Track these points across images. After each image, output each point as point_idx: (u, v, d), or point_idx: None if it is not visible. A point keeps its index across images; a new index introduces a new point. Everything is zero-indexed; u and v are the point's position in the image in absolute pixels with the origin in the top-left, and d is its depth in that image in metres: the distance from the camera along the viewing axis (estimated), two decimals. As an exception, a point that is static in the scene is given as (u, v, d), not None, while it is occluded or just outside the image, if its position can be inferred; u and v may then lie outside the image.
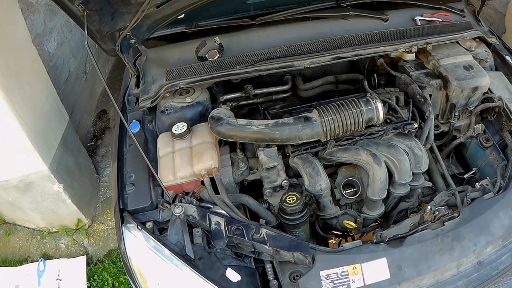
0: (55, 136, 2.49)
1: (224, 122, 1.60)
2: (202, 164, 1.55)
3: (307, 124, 1.57)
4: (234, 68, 1.74)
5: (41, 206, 2.55)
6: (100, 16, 1.49)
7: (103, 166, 3.22)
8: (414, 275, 1.34)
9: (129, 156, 1.68)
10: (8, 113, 2.05)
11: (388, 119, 1.75)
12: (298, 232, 1.55)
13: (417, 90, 1.81)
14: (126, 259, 1.42)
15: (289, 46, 1.78)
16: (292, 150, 1.66)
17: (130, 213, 1.49)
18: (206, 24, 1.90)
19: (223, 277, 1.37)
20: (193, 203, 1.52)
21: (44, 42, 2.90)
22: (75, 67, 3.39)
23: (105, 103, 3.82)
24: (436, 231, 1.38)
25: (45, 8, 2.95)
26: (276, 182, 1.65)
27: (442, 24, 1.96)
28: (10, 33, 2.16)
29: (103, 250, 2.71)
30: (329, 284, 1.30)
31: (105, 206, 2.94)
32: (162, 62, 1.87)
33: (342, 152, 1.64)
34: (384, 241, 1.38)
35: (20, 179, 2.34)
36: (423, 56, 1.96)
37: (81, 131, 3.25)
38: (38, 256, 2.67)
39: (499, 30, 3.45)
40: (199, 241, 1.45)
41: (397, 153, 1.63)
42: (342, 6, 1.96)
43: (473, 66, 1.80)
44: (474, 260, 1.40)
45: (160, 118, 1.77)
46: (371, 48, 1.81)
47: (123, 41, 1.66)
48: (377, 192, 1.61)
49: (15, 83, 2.11)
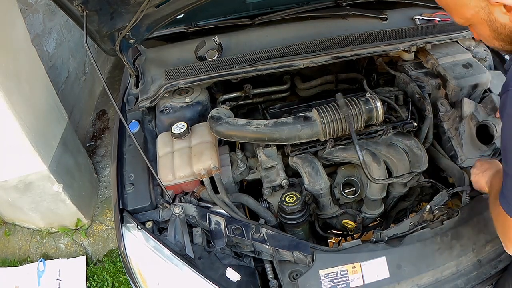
0: (55, 136, 2.49)
1: (223, 122, 1.60)
2: (202, 163, 1.55)
3: (307, 124, 1.57)
4: (233, 68, 1.74)
5: (40, 206, 2.55)
6: (100, 16, 1.49)
7: (102, 166, 3.22)
8: (413, 274, 1.34)
9: (128, 156, 1.68)
10: (7, 113, 2.05)
11: (387, 118, 1.75)
12: (297, 232, 1.55)
13: (416, 89, 1.81)
14: (126, 259, 1.42)
15: (288, 46, 1.78)
16: (291, 150, 1.66)
17: (129, 213, 1.48)
18: (205, 24, 1.91)
19: (223, 276, 1.37)
20: (192, 202, 1.52)
21: (43, 42, 2.90)
22: (74, 67, 3.39)
23: (104, 103, 3.82)
24: (435, 230, 1.39)
25: (44, 8, 2.96)
26: (276, 182, 1.65)
27: (441, 23, 1.96)
28: (9, 33, 2.16)
29: (103, 250, 2.71)
30: (328, 283, 1.30)
31: (104, 206, 2.93)
32: (162, 62, 1.87)
33: (342, 151, 1.64)
34: (383, 240, 1.38)
35: (20, 179, 2.34)
36: (422, 55, 1.96)
37: (80, 131, 3.25)
38: (38, 256, 2.67)
39: (498, 29, 3.44)
40: (199, 240, 1.45)
41: (396, 152, 1.63)
42: (341, 5, 1.96)
43: (472, 64, 1.81)
44: (473, 258, 1.40)
45: (159, 118, 1.77)
46: (370, 48, 1.81)
47: (122, 41, 1.66)
48: (376, 191, 1.61)
49: (14, 83, 2.11)
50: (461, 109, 1.67)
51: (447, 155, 1.73)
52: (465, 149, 1.64)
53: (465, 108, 1.67)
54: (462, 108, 1.67)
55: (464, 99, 1.68)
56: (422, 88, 1.83)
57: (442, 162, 1.72)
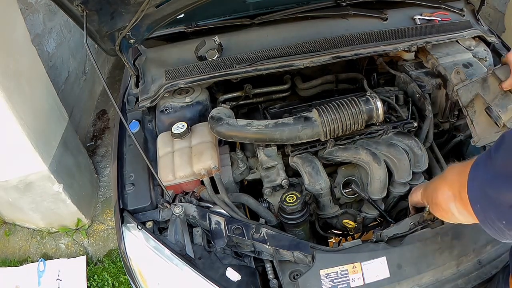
0: (55, 136, 2.49)
1: (224, 122, 1.60)
2: (202, 163, 1.55)
3: (307, 124, 1.57)
4: (234, 67, 1.74)
5: (41, 206, 2.55)
6: (100, 16, 1.49)
7: (102, 166, 3.22)
8: (413, 273, 1.34)
9: (128, 156, 1.68)
10: (8, 113, 2.05)
11: (387, 118, 1.75)
12: (298, 232, 1.55)
13: (416, 89, 1.81)
14: (126, 259, 1.42)
15: (289, 46, 1.78)
16: (291, 150, 1.66)
17: (130, 213, 1.49)
18: (205, 24, 1.90)
19: (223, 276, 1.37)
20: (193, 202, 1.52)
21: (43, 42, 2.90)
22: (75, 67, 3.39)
23: (104, 103, 3.82)
24: (435, 229, 1.38)
25: (44, 8, 2.96)
26: (276, 182, 1.65)
27: (441, 23, 1.96)
28: (10, 33, 2.16)
29: (103, 250, 2.71)
30: (329, 283, 1.30)
31: (105, 206, 2.94)
32: (162, 62, 1.87)
33: (342, 151, 1.64)
34: (383, 240, 1.38)
35: (20, 179, 2.34)
36: (422, 55, 1.96)
37: (80, 131, 3.25)
38: (38, 256, 2.67)
39: (498, 29, 3.45)
40: (199, 240, 1.45)
41: (396, 152, 1.63)
42: (342, 5, 1.96)
43: (472, 63, 1.80)
44: (473, 258, 1.40)
45: (159, 117, 1.77)
46: (371, 47, 1.81)
47: (122, 41, 1.66)
48: (376, 191, 1.61)
49: (14, 83, 2.11)
50: (460, 98, 1.61)
51: (444, 163, 1.73)
52: (478, 129, 1.58)
53: (463, 98, 1.60)
54: (460, 98, 1.60)
55: (461, 89, 1.59)
56: (423, 87, 1.83)
57: (433, 172, 1.73)
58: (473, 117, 1.60)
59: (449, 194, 1.02)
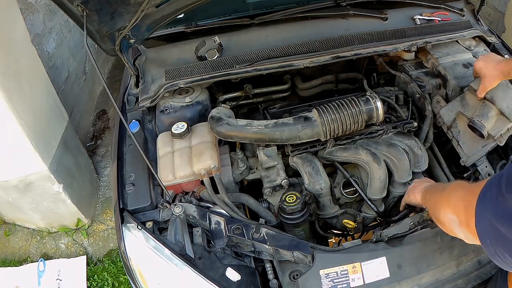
0: (55, 136, 2.49)
1: (224, 122, 1.60)
2: (202, 163, 1.55)
3: (307, 124, 1.57)
4: (234, 67, 1.74)
5: (41, 206, 2.55)
6: (100, 16, 1.49)
7: (102, 166, 3.22)
8: (413, 273, 1.34)
9: (128, 156, 1.68)
10: (8, 113, 2.05)
11: (387, 118, 1.75)
12: (298, 232, 1.54)
13: (416, 89, 1.81)
14: (126, 259, 1.42)
15: (289, 46, 1.78)
16: (291, 150, 1.66)
17: (130, 213, 1.48)
18: (205, 24, 1.90)
19: (223, 276, 1.37)
20: (193, 202, 1.52)
21: (43, 42, 2.90)
22: (75, 67, 3.39)
23: (104, 103, 3.82)
24: (435, 229, 1.38)
25: (44, 8, 2.96)
26: (276, 182, 1.65)
27: (441, 23, 1.96)
28: (10, 33, 2.16)
29: (103, 250, 2.71)
30: (328, 283, 1.30)
31: (105, 206, 2.94)
32: (162, 62, 1.87)
33: (342, 151, 1.64)
34: (383, 240, 1.38)
35: (20, 179, 2.34)
36: (422, 55, 1.96)
37: (80, 131, 3.25)
38: (38, 256, 2.67)
39: (498, 29, 3.45)
40: (199, 240, 1.45)
41: (396, 152, 1.63)
42: (342, 5, 1.96)
43: (472, 63, 1.80)
44: (473, 258, 1.40)
45: (159, 117, 1.77)
46: (371, 47, 1.81)
47: (122, 41, 1.66)
48: (376, 191, 1.61)
49: (14, 83, 2.11)
50: (443, 120, 1.70)
51: (444, 163, 1.74)
52: (465, 148, 1.64)
53: (445, 119, 1.70)
54: (443, 119, 1.70)
55: (442, 110, 1.70)
56: (423, 87, 1.83)
57: (433, 172, 1.74)
58: (458, 137, 1.66)
59: (454, 219, 1.01)
